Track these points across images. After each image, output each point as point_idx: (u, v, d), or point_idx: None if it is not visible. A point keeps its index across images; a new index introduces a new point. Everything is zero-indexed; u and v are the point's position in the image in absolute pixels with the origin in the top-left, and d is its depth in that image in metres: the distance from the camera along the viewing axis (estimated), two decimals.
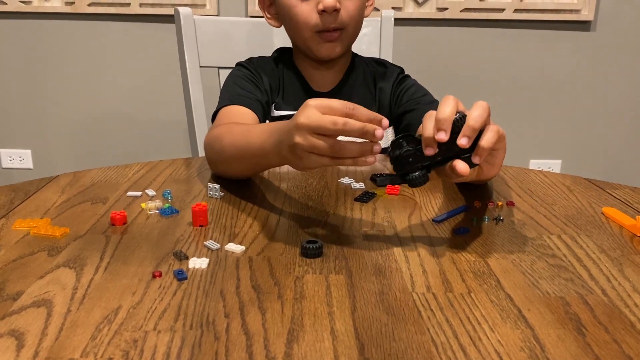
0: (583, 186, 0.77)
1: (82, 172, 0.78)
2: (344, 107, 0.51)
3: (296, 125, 0.52)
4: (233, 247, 0.55)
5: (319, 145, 0.51)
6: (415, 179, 0.52)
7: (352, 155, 0.51)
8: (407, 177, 0.53)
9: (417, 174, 0.52)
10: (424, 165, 0.53)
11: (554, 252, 0.56)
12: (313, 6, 0.83)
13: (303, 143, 0.52)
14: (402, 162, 0.52)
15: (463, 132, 0.51)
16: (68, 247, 0.55)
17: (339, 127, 0.50)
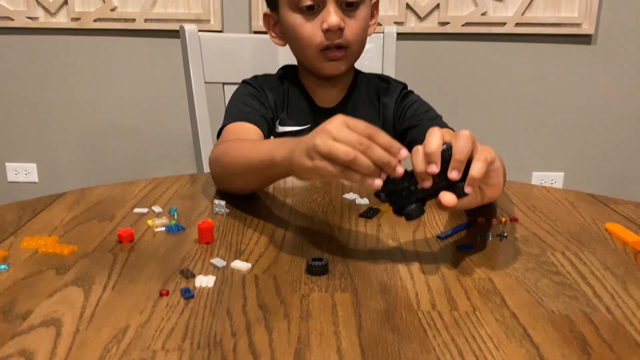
0: (586, 202, 0.77)
1: (88, 189, 0.79)
2: (368, 129, 0.52)
3: (323, 129, 0.53)
4: (239, 265, 0.55)
5: (338, 152, 0.51)
6: (411, 213, 0.53)
7: (365, 173, 0.52)
8: (404, 212, 0.54)
9: (412, 207, 0.53)
10: (419, 198, 0.54)
11: (558, 269, 0.56)
12: (317, 25, 0.85)
13: (322, 147, 0.52)
14: (396, 197, 0.54)
15: (452, 166, 0.52)
16: (76, 265, 0.56)
17: (363, 148, 0.51)
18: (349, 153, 0.51)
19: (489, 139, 2.05)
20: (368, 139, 0.52)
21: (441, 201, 0.52)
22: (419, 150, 0.52)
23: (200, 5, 1.89)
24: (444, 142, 0.53)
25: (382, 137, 0.52)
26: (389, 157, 0.51)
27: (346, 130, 0.52)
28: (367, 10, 0.88)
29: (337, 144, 0.52)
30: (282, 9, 0.88)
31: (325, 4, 0.84)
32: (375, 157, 0.51)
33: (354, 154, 0.51)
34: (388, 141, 0.52)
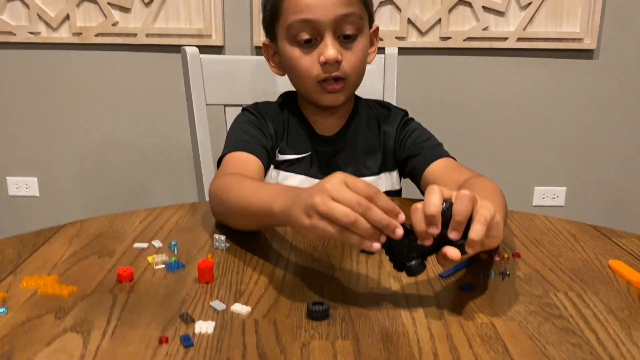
0: (589, 234, 0.77)
1: (88, 221, 0.79)
2: (367, 190, 0.52)
3: (322, 187, 0.53)
4: (239, 308, 0.55)
5: (337, 214, 0.51)
6: (413, 269, 0.53)
7: (364, 235, 0.51)
8: (405, 267, 0.54)
9: (413, 263, 0.53)
10: (419, 253, 0.53)
11: (561, 313, 0.56)
12: (315, 58, 0.85)
13: (321, 206, 0.52)
14: (397, 253, 0.54)
15: (452, 227, 0.52)
16: (75, 308, 0.55)
17: (362, 210, 0.50)
18: (348, 215, 0.50)
19: (490, 153, 2.05)
20: (368, 200, 0.51)
21: (447, 255, 0.52)
22: (419, 209, 0.52)
23: (202, 20, 1.90)
24: (444, 200, 0.52)
25: (382, 198, 0.51)
26: (388, 220, 0.51)
27: (345, 191, 0.52)
28: (365, 41, 0.88)
29: (337, 204, 0.51)
30: (281, 41, 0.88)
31: (322, 37, 0.84)
32: (374, 219, 0.51)
33: (354, 216, 0.50)
34: (387, 203, 0.51)
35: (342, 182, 0.52)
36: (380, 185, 0.95)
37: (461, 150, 2.01)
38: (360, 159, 0.94)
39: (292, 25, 0.84)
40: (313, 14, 0.82)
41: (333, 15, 0.83)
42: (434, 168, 0.88)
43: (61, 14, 1.89)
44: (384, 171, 0.96)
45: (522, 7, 1.89)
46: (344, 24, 0.84)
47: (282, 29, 0.87)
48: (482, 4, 1.88)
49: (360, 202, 0.51)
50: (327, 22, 0.83)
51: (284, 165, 0.93)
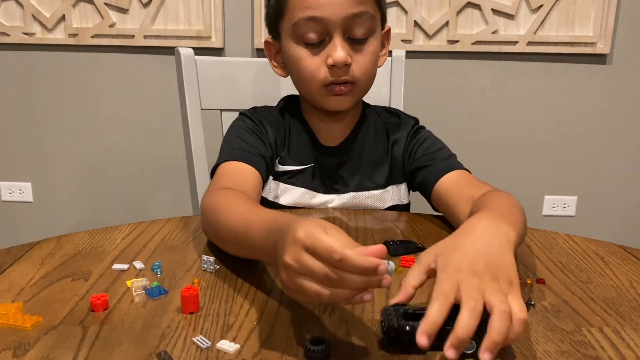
0: (619, 257, 0.69)
1: (66, 237, 0.72)
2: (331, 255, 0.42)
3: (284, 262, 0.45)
4: (226, 346, 0.48)
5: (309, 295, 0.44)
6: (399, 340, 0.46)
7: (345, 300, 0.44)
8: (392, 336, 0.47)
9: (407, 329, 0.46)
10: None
11: (598, 354, 0.48)
12: (322, 60, 0.77)
13: (292, 285, 0.45)
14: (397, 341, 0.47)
15: (450, 343, 0.43)
16: (38, 343, 0.48)
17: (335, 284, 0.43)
18: (320, 295, 0.44)
19: (499, 161, 1.98)
20: (335, 264, 0.43)
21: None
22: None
23: (201, 21, 1.83)
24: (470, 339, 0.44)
25: (352, 260, 0.42)
26: (367, 281, 0.43)
27: (309, 263, 0.43)
28: (377, 43, 0.80)
29: (307, 284, 0.44)
30: (284, 39, 0.81)
31: (331, 37, 0.77)
32: (351, 286, 0.43)
33: (327, 295, 0.43)
34: (360, 262, 0.42)
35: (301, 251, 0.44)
36: (386, 199, 0.88)
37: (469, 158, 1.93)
38: (365, 172, 0.87)
39: (298, 23, 0.77)
40: (322, 12, 0.75)
41: (343, 14, 0.75)
42: (445, 181, 0.80)
43: (57, 14, 1.83)
44: (391, 184, 0.88)
45: (532, 10, 1.82)
46: (354, 24, 0.77)
47: (287, 27, 0.79)
48: (491, 6, 1.81)
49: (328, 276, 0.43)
50: (337, 22, 0.76)
51: (284, 176, 0.86)
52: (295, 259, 0.44)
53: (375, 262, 0.43)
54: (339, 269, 0.43)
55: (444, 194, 0.79)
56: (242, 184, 0.74)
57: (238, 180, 0.75)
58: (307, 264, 0.44)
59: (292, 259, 0.45)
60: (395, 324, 0.46)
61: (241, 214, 0.61)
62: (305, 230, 0.45)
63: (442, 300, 0.45)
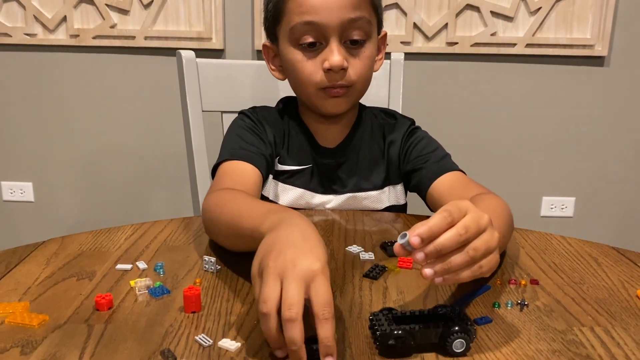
0: (612, 258, 0.71)
1: (70, 238, 0.73)
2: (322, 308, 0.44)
3: (284, 260, 0.46)
4: (227, 345, 0.49)
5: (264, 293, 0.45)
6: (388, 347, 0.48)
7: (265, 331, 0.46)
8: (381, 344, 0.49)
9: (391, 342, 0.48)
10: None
11: (589, 353, 0.50)
12: (319, 64, 0.79)
13: (266, 276, 0.46)
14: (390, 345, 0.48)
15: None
16: (45, 341, 0.50)
17: (284, 316, 0.44)
18: (266, 304, 0.45)
19: (497, 162, 1.99)
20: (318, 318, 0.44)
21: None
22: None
23: (202, 23, 1.84)
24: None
25: (327, 329, 0.44)
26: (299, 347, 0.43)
27: (298, 286, 0.45)
28: (373, 47, 0.82)
29: (271, 287, 0.45)
30: (282, 43, 0.82)
31: (327, 41, 0.78)
32: (287, 334, 0.44)
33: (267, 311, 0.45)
34: (328, 338, 0.44)
35: (308, 277, 0.45)
36: (383, 200, 0.89)
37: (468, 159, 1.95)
38: (363, 173, 0.89)
39: (295, 27, 0.78)
40: (319, 17, 0.77)
41: (340, 19, 0.77)
42: (439, 184, 0.81)
43: (58, 15, 1.84)
44: (388, 185, 0.90)
45: (531, 12, 1.83)
46: (351, 29, 0.78)
47: (285, 31, 0.81)
48: (490, 8, 1.82)
49: (291, 307, 0.43)
50: (334, 26, 0.77)
51: (283, 176, 0.87)
52: (271, 274, 0.46)
53: (332, 355, 0.44)
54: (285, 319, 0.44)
55: (437, 196, 0.80)
56: (243, 182, 0.75)
57: (239, 179, 0.76)
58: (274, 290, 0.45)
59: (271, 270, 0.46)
60: (387, 329, 0.48)
61: (243, 203, 0.63)
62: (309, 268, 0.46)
63: (445, 215, 0.47)
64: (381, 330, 0.48)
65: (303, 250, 0.47)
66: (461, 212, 0.48)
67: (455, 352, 0.48)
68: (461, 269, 0.48)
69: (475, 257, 0.48)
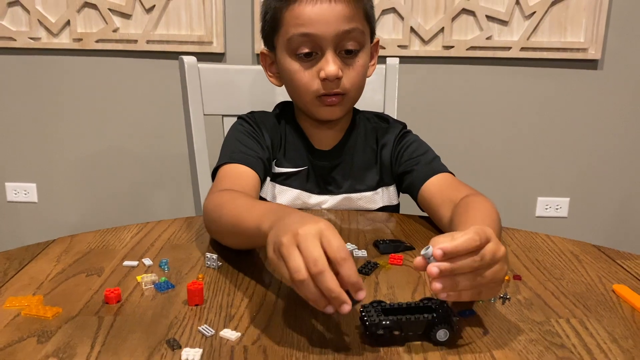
0: (592, 256, 0.75)
1: (78, 236, 0.77)
2: (336, 253, 0.49)
3: (294, 230, 0.50)
4: (228, 334, 0.53)
5: (291, 264, 0.49)
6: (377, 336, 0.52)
7: (306, 297, 0.50)
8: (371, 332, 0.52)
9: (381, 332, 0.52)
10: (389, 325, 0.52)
11: (563, 341, 0.53)
12: (315, 73, 0.83)
13: (284, 249, 0.50)
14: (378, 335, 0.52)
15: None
16: (59, 331, 0.53)
17: (314, 271, 0.48)
18: (299, 272, 0.48)
19: (493, 164, 2.03)
20: (335, 262, 0.48)
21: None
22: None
23: (203, 27, 1.88)
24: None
25: (347, 267, 0.48)
26: (337, 293, 0.48)
27: (313, 243, 0.49)
28: (366, 56, 0.86)
29: (295, 255, 0.49)
30: (279, 52, 0.86)
31: (323, 51, 0.82)
32: (322, 287, 0.48)
33: (304, 277, 0.48)
34: (350, 275, 0.48)
35: (317, 233, 0.50)
36: (377, 201, 0.93)
37: (463, 161, 2.01)
38: (357, 174, 0.92)
39: (292, 39, 0.82)
40: (315, 29, 0.81)
41: (335, 31, 0.81)
42: (429, 185, 0.85)
43: (62, 19, 1.88)
44: (382, 186, 0.94)
45: (526, 16, 1.87)
46: (345, 40, 0.82)
47: (282, 41, 0.85)
48: (485, 13, 1.86)
49: (316, 263, 0.48)
50: (329, 38, 0.81)
51: (280, 178, 0.91)
52: (287, 245, 0.50)
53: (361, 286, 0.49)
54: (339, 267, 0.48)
55: (428, 198, 0.84)
56: (242, 185, 0.79)
57: (238, 181, 0.80)
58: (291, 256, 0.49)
59: (286, 242, 0.50)
60: (376, 320, 0.51)
61: (244, 203, 0.67)
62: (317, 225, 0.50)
63: (475, 238, 0.50)
64: (371, 320, 0.52)
65: (306, 219, 0.52)
66: (487, 239, 0.52)
67: (439, 341, 0.52)
68: (465, 290, 0.52)
69: (482, 283, 0.52)
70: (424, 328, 0.52)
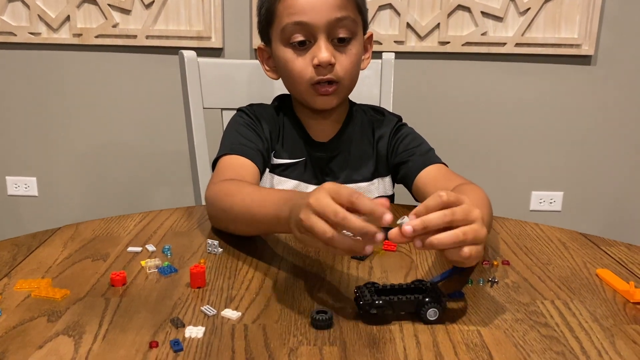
0: (579, 243, 0.78)
1: (84, 224, 0.80)
2: (349, 196, 0.52)
3: (306, 203, 0.54)
4: (229, 314, 0.56)
5: (316, 230, 0.52)
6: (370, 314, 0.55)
7: (343, 249, 0.53)
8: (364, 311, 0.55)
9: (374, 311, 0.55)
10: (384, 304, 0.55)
11: (547, 321, 0.56)
12: (308, 60, 0.85)
13: (305, 222, 0.53)
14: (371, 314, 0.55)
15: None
16: (68, 311, 0.56)
17: (338, 220, 0.51)
18: (325, 232, 0.52)
19: (488, 158, 2.06)
20: (350, 204, 0.52)
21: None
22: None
23: (202, 22, 1.90)
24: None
25: (363, 202, 0.52)
26: (366, 227, 0.51)
27: (326, 201, 0.52)
28: (359, 45, 0.88)
29: (316, 220, 0.52)
30: (275, 44, 0.89)
31: (316, 39, 0.85)
32: (351, 229, 0.51)
33: (331, 233, 0.51)
34: (370, 206, 0.52)
35: (325, 194, 0.53)
36: (373, 191, 0.96)
37: (459, 155, 2.03)
38: (353, 165, 0.95)
39: (286, 28, 0.85)
40: (307, 17, 0.83)
41: (327, 19, 0.84)
42: (424, 175, 0.88)
43: (62, 15, 1.90)
44: (377, 177, 0.97)
45: (520, 12, 1.90)
46: (337, 28, 0.85)
47: (277, 32, 0.88)
48: (481, 9, 1.89)
49: (336, 214, 0.51)
50: (321, 26, 0.84)
51: (279, 169, 0.94)
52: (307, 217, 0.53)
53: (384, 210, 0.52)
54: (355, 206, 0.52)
55: (422, 187, 0.87)
56: (242, 175, 0.82)
57: (238, 172, 0.83)
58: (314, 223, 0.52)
59: (304, 216, 0.53)
60: (369, 300, 0.54)
61: (255, 192, 0.70)
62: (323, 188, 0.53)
63: (438, 193, 0.54)
64: (364, 300, 0.55)
65: (311, 192, 0.55)
66: (456, 201, 0.55)
67: (429, 320, 0.55)
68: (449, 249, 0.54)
69: (465, 240, 0.53)
70: (415, 307, 0.55)
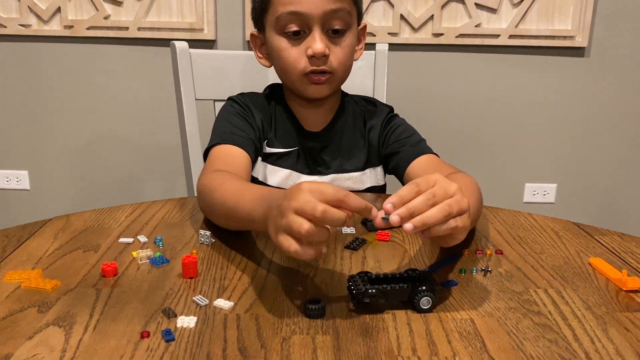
0: (572, 232, 0.78)
1: (74, 215, 0.79)
2: (334, 195, 0.51)
3: (285, 205, 0.52)
4: (222, 304, 0.55)
5: (293, 224, 0.50)
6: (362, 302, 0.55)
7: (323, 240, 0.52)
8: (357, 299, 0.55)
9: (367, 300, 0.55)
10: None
11: (540, 309, 0.56)
12: (302, 51, 0.85)
13: (284, 222, 0.52)
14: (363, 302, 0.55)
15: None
16: (58, 302, 0.56)
17: (317, 216, 0.50)
18: (302, 226, 0.50)
19: (481, 150, 2.06)
20: (340, 203, 0.51)
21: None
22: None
23: (194, 14, 1.89)
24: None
25: (353, 200, 0.51)
26: (347, 215, 0.51)
27: (306, 199, 0.50)
28: (353, 37, 0.88)
29: (296, 222, 0.50)
30: (268, 32, 0.88)
31: (311, 29, 0.84)
32: (333, 219, 0.50)
33: (307, 226, 0.50)
34: (357, 204, 0.51)
35: (307, 192, 0.51)
36: (365, 181, 0.96)
37: (452, 147, 2.04)
38: (345, 155, 0.95)
39: (281, 17, 0.84)
40: (302, 7, 0.83)
41: (322, 10, 0.83)
42: (415, 165, 0.88)
43: (52, 6, 1.88)
44: (369, 167, 0.96)
45: (514, 4, 1.89)
46: (332, 19, 0.84)
47: (271, 20, 0.87)
48: (474, 1, 1.88)
49: (315, 208, 0.50)
50: (316, 16, 0.83)
51: (271, 158, 0.93)
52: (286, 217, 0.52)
53: (370, 206, 0.52)
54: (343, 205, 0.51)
55: (413, 177, 0.86)
56: (233, 165, 0.81)
57: (230, 161, 0.82)
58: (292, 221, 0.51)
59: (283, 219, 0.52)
60: (362, 288, 0.54)
61: (234, 189, 0.68)
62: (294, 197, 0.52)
63: (412, 186, 0.54)
64: (357, 289, 0.54)
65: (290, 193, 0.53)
66: (429, 184, 0.54)
67: (422, 309, 0.55)
68: (438, 224, 0.53)
69: (450, 213, 0.53)
70: (408, 296, 0.55)
